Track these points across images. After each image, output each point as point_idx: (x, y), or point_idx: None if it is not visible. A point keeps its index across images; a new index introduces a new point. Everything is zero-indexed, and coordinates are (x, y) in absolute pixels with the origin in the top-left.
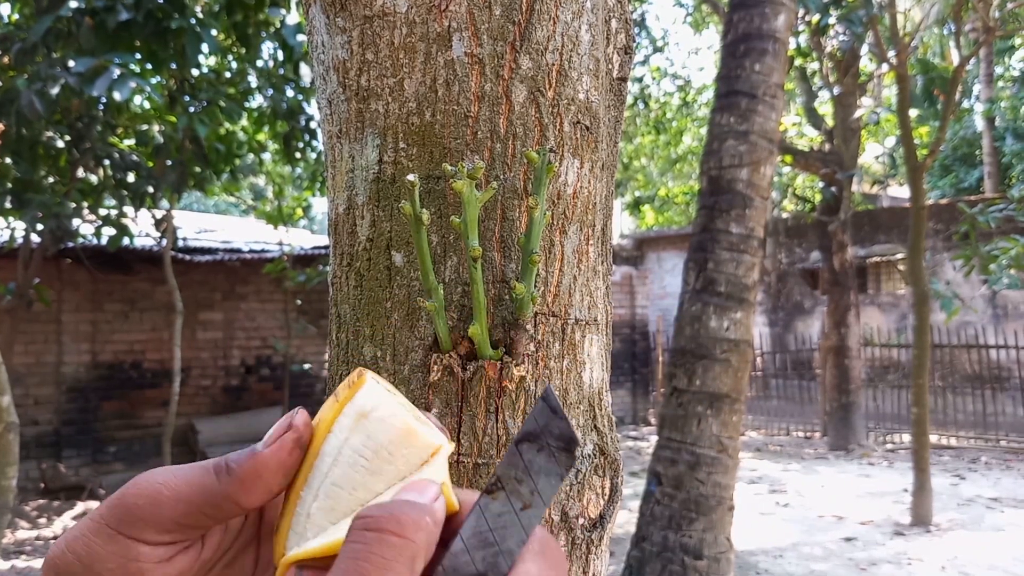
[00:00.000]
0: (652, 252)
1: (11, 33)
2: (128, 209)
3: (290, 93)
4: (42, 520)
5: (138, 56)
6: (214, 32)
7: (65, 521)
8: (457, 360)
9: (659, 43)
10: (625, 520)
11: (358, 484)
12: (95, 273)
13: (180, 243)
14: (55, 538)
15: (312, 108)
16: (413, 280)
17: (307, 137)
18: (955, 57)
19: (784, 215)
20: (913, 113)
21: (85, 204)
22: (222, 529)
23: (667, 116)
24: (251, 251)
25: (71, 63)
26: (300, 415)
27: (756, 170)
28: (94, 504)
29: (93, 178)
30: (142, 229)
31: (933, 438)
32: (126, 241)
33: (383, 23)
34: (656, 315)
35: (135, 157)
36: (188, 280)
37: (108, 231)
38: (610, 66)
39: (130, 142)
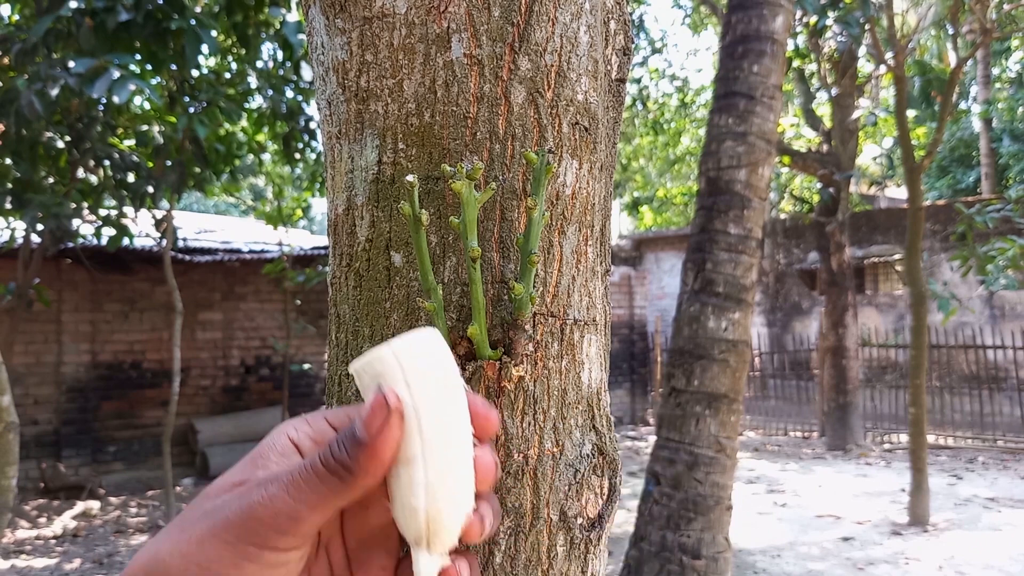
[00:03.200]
0: (650, 253)
1: (11, 34)
2: (128, 209)
3: (290, 94)
4: (42, 520)
5: (138, 57)
6: (214, 33)
7: (65, 521)
8: (456, 360)
9: (658, 44)
10: (623, 520)
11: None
12: (95, 273)
13: (180, 243)
14: (55, 538)
15: (312, 109)
16: (412, 280)
17: (307, 138)
18: (952, 59)
19: (782, 216)
20: (911, 114)
21: (85, 204)
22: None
23: (665, 117)
24: (251, 251)
25: (71, 64)
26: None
27: (754, 171)
28: (94, 504)
29: (93, 178)
30: (142, 229)
31: (930, 438)
32: (126, 241)
33: (382, 24)
34: (654, 315)
35: (135, 157)
36: (188, 280)
37: (108, 231)
38: (609, 67)
39: (130, 142)
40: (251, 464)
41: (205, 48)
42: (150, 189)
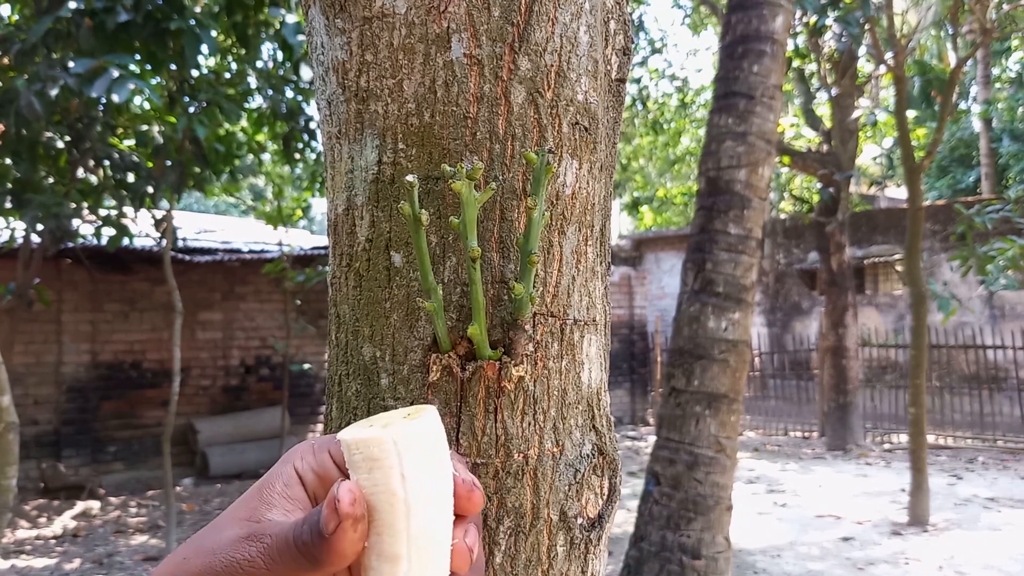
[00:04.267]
0: (650, 253)
1: (11, 34)
2: (128, 209)
3: (290, 94)
4: (42, 520)
5: (137, 57)
6: (213, 33)
7: (65, 521)
8: (456, 360)
9: (657, 44)
10: (623, 520)
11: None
12: (95, 273)
13: (180, 243)
14: (55, 538)
15: (312, 109)
16: (412, 280)
17: (306, 138)
18: (952, 59)
19: (782, 216)
20: (910, 114)
21: (85, 204)
22: None
23: (665, 117)
24: (250, 251)
25: (71, 64)
26: (344, 494)
27: (754, 171)
28: (94, 504)
29: (93, 178)
30: (142, 229)
31: (930, 438)
32: (126, 241)
33: (382, 24)
34: (654, 315)
35: (135, 157)
36: (187, 280)
37: (108, 231)
38: (608, 67)
39: (130, 143)
40: (258, 495)
41: (205, 48)
42: (150, 189)
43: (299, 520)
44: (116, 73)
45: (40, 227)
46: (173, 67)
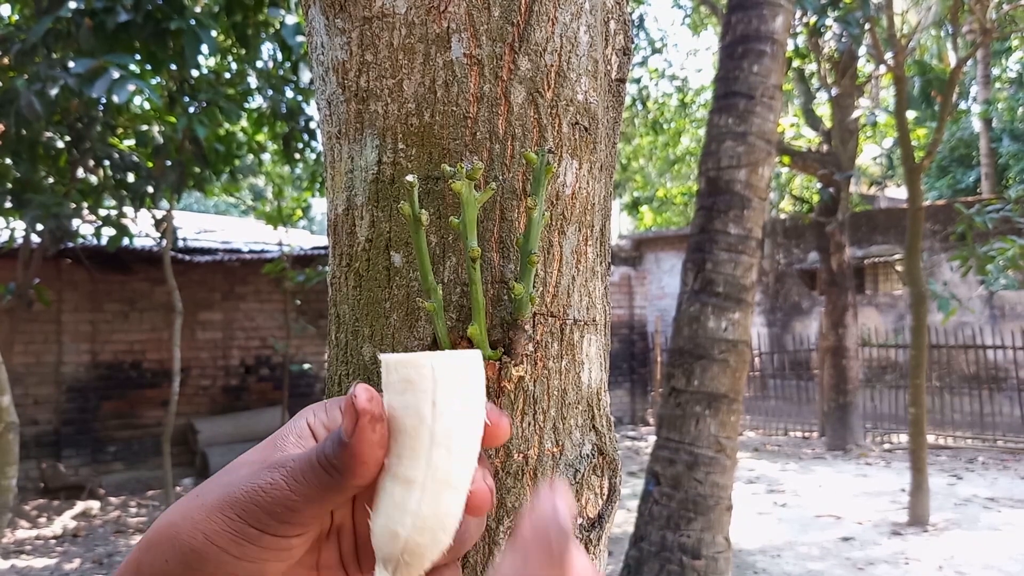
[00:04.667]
0: (650, 253)
1: (11, 34)
2: (128, 209)
3: (289, 94)
4: (42, 520)
5: (137, 57)
6: (213, 33)
7: (65, 521)
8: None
9: (657, 44)
10: (623, 520)
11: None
12: (95, 273)
13: (180, 243)
14: (55, 538)
15: (311, 109)
16: (412, 280)
17: (306, 138)
18: (952, 59)
19: (782, 216)
20: (910, 114)
21: (85, 204)
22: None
23: (665, 117)
24: (250, 251)
25: (71, 64)
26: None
27: (754, 171)
28: (94, 504)
29: (93, 178)
30: (142, 229)
31: (930, 438)
32: (126, 241)
33: (382, 24)
34: (654, 315)
35: (135, 157)
36: (187, 280)
37: (108, 231)
38: (608, 67)
39: (130, 143)
40: (271, 444)
41: (205, 48)
42: (150, 189)
43: (321, 441)
44: (116, 73)
45: (40, 227)
46: (173, 67)
